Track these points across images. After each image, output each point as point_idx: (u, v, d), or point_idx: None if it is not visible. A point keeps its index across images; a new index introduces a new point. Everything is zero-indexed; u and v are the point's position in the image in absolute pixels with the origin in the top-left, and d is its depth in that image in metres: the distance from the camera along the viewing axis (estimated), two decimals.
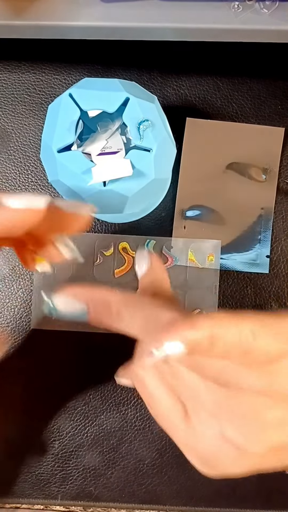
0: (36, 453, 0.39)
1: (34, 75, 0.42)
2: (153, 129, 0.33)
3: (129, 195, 0.34)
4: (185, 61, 0.41)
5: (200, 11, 0.35)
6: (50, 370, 0.39)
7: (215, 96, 0.41)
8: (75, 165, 0.32)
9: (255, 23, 0.35)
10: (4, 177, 0.41)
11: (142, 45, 0.39)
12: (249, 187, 0.41)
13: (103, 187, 0.33)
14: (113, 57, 0.41)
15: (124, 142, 0.35)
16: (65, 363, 0.40)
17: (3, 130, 0.41)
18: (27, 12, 0.36)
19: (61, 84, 0.41)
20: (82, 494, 0.39)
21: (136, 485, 0.39)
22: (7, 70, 0.42)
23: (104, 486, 0.39)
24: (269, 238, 0.40)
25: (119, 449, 0.39)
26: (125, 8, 0.35)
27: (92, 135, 0.36)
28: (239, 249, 0.41)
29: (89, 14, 0.36)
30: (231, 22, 0.35)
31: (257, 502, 0.39)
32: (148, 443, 0.39)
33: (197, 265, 0.40)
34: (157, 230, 0.41)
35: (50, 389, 0.40)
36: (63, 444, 0.39)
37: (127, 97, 0.32)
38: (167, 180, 0.38)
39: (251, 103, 0.41)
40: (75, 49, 0.41)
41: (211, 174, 0.41)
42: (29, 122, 0.41)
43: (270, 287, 0.40)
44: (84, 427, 0.39)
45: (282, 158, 0.41)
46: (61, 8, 0.36)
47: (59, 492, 0.39)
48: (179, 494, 0.39)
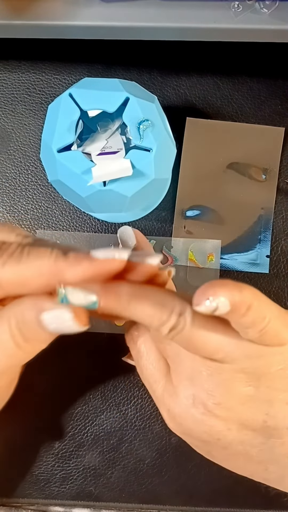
0: (36, 453, 0.39)
1: (34, 75, 0.42)
2: (153, 129, 0.33)
3: (129, 195, 0.34)
4: (185, 61, 0.41)
5: (200, 11, 0.35)
6: (50, 370, 0.39)
7: (215, 96, 0.41)
8: (75, 165, 0.32)
9: (255, 22, 0.35)
10: (4, 177, 0.41)
11: (142, 45, 0.39)
12: (249, 187, 0.41)
13: (103, 187, 0.33)
14: (113, 57, 0.41)
15: (124, 142, 0.35)
16: (65, 363, 0.40)
17: (3, 129, 0.41)
18: (26, 11, 0.36)
19: (61, 84, 0.41)
20: (82, 494, 0.39)
21: (136, 485, 0.39)
22: (7, 70, 0.42)
23: (104, 486, 0.39)
24: (269, 238, 0.40)
25: (119, 449, 0.39)
26: (125, 7, 0.35)
27: (92, 135, 0.36)
28: (239, 249, 0.41)
29: (89, 14, 0.36)
30: (231, 22, 0.35)
31: (257, 502, 0.39)
32: (148, 443, 0.39)
33: (197, 265, 0.40)
34: (157, 230, 0.41)
35: (50, 389, 0.40)
36: (63, 444, 0.39)
37: (127, 97, 0.32)
38: (167, 180, 0.38)
39: (251, 103, 0.41)
40: (75, 49, 0.41)
41: (211, 174, 0.41)
42: (29, 122, 0.41)
43: (270, 287, 0.40)
44: (84, 426, 0.39)
45: (282, 158, 0.41)
46: (61, 8, 0.36)
47: (59, 492, 0.39)
48: (179, 494, 0.39)
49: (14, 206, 0.41)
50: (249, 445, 0.24)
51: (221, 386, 0.23)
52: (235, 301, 0.20)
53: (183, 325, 0.22)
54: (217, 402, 0.23)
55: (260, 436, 0.23)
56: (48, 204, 0.41)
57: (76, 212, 0.41)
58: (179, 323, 0.21)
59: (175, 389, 0.24)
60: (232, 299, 0.20)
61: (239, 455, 0.24)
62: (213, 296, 0.20)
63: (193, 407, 0.24)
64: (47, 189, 0.41)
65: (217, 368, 0.23)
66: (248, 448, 0.24)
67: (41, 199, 0.41)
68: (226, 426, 0.23)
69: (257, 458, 0.24)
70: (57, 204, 0.41)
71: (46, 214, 0.41)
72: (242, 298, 0.20)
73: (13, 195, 0.41)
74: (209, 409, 0.23)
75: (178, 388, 0.24)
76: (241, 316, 0.21)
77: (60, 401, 0.40)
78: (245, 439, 0.23)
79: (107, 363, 0.39)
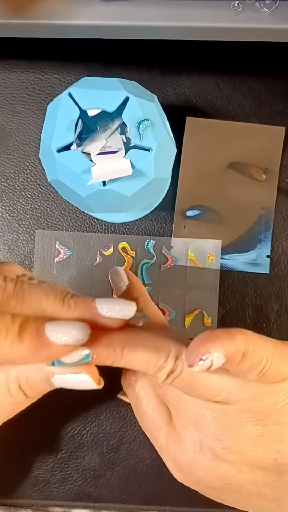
0: (35, 454, 0.39)
1: (33, 74, 0.41)
2: (153, 128, 0.32)
3: (129, 195, 0.33)
4: (185, 60, 0.41)
5: (200, 10, 0.35)
6: None
7: (215, 95, 0.41)
8: (74, 164, 0.32)
9: (255, 22, 0.35)
10: (3, 177, 0.41)
11: (142, 44, 0.39)
12: (249, 187, 0.41)
13: (103, 186, 0.33)
14: (113, 56, 0.41)
15: (123, 142, 0.35)
16: None
17: (2, 129, 0.41)
18: (26, 10, 0.35)
19: (60, 83, 0.41)
20: (82, 495, 0.39)
21: (136, 486, 0.39)
22: (6, 69, 0.41)
23: (104, 486, 0.39)
24: (269, 238, 0.40)
25: (119, 450, 0.39)
26: (124, 6, 0.35)
27: (91, 134, 0.36)
28: (239, 249, 0.40)
29: (89, 13, 0.35)
30: (231, 21, 0.35)
31: None
32: (148, 443, 0.39)
33: (197, 265, 0.40)
34: (157, 230, 0.41)
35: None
36: (63, 444, 0.39)
37: (126, 96, 0.32)
38: (167, 179, 0.38)
39: (251, 102, 0.41)
40: (74, 48, 0.41)
41: (211, 173, 0.41)
42: (28, 122, 0.41)
43: (271, 287, 0.40)
44: (83, 427, 0.39)
45: (283, 158, 0.41)
46: (60, 7, 0.36)
47: (59, 492, 0.39)
48: (179, 495, 0.39)
49: (14, 206, 0.41)
50: (262, 485, 0.23)
51: (228, 428, 0.22)
52: (229, 352, 0.19)
53: (181, 368, 0.21)
54: (226, 446, 0.22)
55: (272, 474, 0.22)
56: (48, 204, 0.41)
57: (76, 212, 0.41)
58: (176, 367, 0.21)
59: (180, 435, 0.23)
60: (226, 351, 0.19)
61: (251, 496, 0.23)
62: (206, 354, 0.19)
63: (200, 453, 0.22)
64: (46, 188, 0.41)
65: (222, 410, 0.22)
66: (260, 488, 0.23)
67: (41, 199, 0.41)
68: (237, 469, 0.22)
69: (270, 496, 0.23)
70: (56, 204, 0.41)
71: (45, 214, 0.41)
72: (236, 347, 0.19)
73: (13, 194, 0.41)
74: (218, 455, 0.22)
75: (182, 434, 0.23)
76: (237, 364, 0.20)
77: (60, 402, 0.40)
78: (257, 479, 0.23)
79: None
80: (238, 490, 0.23)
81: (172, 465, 0.25)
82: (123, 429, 0.39)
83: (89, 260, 0.40)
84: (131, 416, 0.39)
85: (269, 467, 0.22)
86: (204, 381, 0.21)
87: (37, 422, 0.39)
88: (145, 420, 0.25)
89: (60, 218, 0.41)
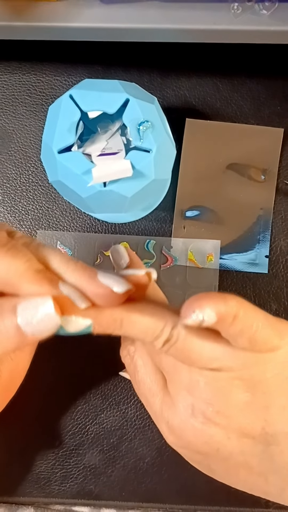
0: (36, 452, 0.40)
1: (34, 76, 0.42)
2: (153, 130, 0.33)
3: (129, 196, 0.34)
4: (185, 62, 0.41)
5: (200, 12, 0.35)
6: (51, 369, 0.40)
7: (214, 97, 0.41)
8: (75, 165, 0.33)
9: (254, 24, 0.35)
10: (5, 178, 0.42)
11: (142, 47, 0.39)
12: (248, 188, 0.41)
13: (103, 187, 0.33)
14: (113, 58, 0.41)
15: (124, 143, 0.35)
16: (65, 362, 0.40)
17: (4, 131, 0.42)
18: (27, 13, 0.36)
19: (61, 85, 0.42)
20: (83, 493, 0.39)
21: (136, 484, 0.39)
22: (8, 71, 0.42)
23: (104, 484, 0.39)
24: (268, 238, 0.41)
25: (119, 448, 0.39)
26: (125, 9, 0.36)
27: (92, 136, 0.36)
28: (238, 249, 0.41)
29: (89, 16, 0.36)
30: (231, 23, 0.35)
31: (257, 501, 0.39)
32: (148, 441, 0.39)
33: (197, 265, 0.41)
34: (157, 230, 0.41)
35: (50, 388, 0.40)
36: (63, 442, 0.40)
37: (127, 98, 0.32)
38: (167, 180, 0.38)
39: (250, 104, 0.41)
40: (75, 50, 0.41)
41: (211, 174, 0.41)
42: (30, 123, 0.42)
43: (269, 287, 0.40)
44: (84, 425, 0.40)
45: (281, 159, 0.41)
46: (61, 10, 0.36)
47: (60, 490, 0.39)
48: (179, 493, 0.39)
49: (15, 207, 0.41)
50: (250, 455, 0.24)
51: (219, 394, 0.23)
52: (221, 312, 0.21)
53: (177, 337, 0.22)
54: (216, 410, 0.23)
55: (259, 444, 0.23)
56: (49, 204, 0.41)
57: (77, 213, 0.41)
58: (172, 336, 0.22)
59: (173, 400, 0.24)
60: (218, 310, 0.21)
61: (239, 467, 0.24)
62: (199, 308, 0.21)
63: (192, 416, 0.24)
64: (47, 189, 0.41)
65: (214, 376, 0.23)
66: (248, 458, 0.24)
67: (42, 200, 0.41)
68: (226, 435, 0.23)
69: (257, 468, 0.24)
70: (57, 204, 0.41)
71: (46, 214, 0.41)
72: (228, 308, 0.21)
73: (14, 195, 0.42)
74: (208, 418, 0.23)
75: (176, 399, 0.24)
76: (228, 326, 0.21)
77: (61, 400, 0.40)
78: (245, 449, 0.23)
79: (107, 362, 0.40)
80: (227, 459, 0.24)
81: (165, 428, 0.26)
82: (124, 427, 0.40)
83: (90, 260, 0.41)
84: (132, 414, 0.40)
85: (256, 436, 0.23)
86: (198, 349, 0.22)
87: (37, 421, 0.40)
88: (142, 387, 0.26)
89: (61, 218, 0.41)
